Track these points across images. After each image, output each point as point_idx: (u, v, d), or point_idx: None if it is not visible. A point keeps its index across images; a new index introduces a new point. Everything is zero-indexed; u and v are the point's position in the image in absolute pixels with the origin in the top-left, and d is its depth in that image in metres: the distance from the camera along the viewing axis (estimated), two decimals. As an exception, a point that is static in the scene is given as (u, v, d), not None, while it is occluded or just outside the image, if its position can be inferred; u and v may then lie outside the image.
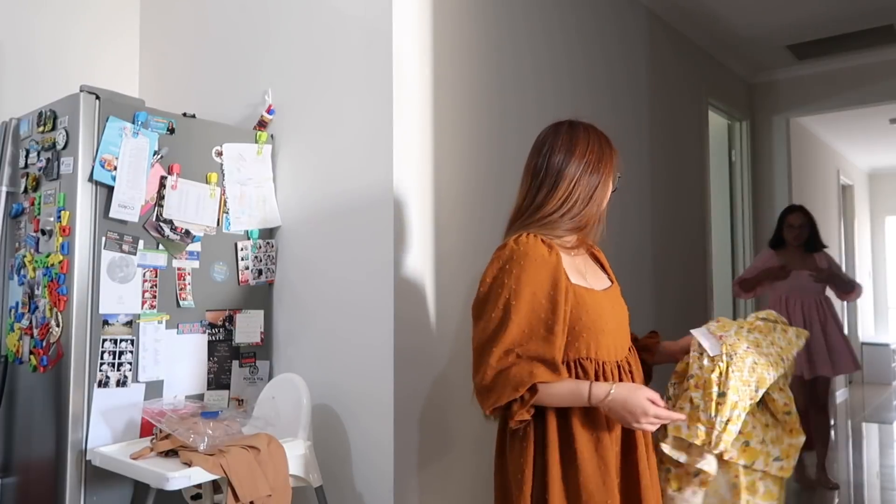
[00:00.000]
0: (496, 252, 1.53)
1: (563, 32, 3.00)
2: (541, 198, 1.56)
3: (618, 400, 1.42)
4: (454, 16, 2.43)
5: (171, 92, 2.94)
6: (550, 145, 1.59)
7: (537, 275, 1.46)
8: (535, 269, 1.46)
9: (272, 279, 2.46)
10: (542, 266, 1.46)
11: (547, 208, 1.55)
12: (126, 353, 2.06)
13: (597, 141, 1.59)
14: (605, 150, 1.59)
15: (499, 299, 1.46)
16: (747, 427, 1.60)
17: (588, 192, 1.56)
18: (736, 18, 4.06)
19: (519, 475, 1.48)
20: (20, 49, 2.73)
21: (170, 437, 1.87)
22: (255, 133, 2.45)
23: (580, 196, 1.55)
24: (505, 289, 1.45)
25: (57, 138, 2.08)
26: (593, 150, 1.57)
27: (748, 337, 1.63)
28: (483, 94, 2.53)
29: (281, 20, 2.54)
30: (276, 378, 2.29)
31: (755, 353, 1.60)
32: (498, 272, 1.48)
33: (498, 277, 1.47)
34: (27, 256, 2.17)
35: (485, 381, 1.44)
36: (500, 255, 1.50)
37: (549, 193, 1.55)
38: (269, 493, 1.83)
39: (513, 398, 1.41)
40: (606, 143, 1.61)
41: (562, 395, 1.45)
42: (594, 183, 1.56)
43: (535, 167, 1.59)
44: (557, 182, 1.55)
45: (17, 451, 2.17)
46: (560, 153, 1.56)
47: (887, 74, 4.66)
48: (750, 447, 1.61)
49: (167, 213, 2.17)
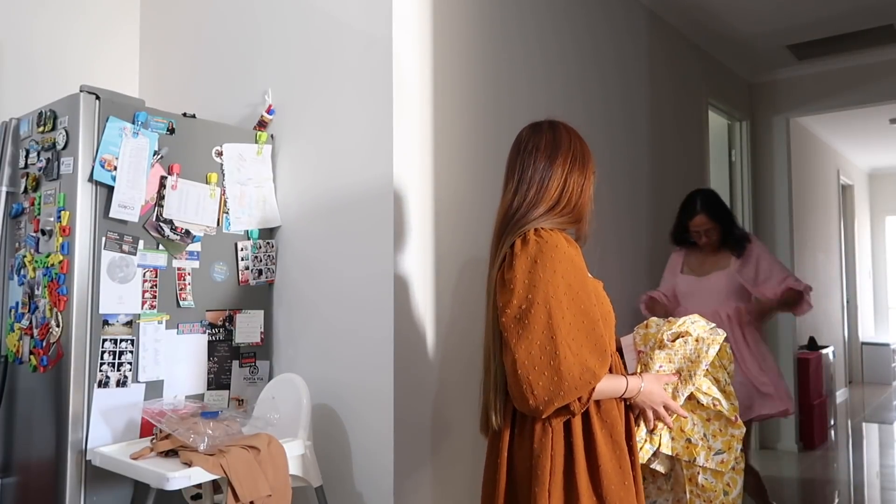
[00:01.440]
0: (520, 248, 1.46)
1: (563, 31, 3.00)
2: (532, 195, 1.55)
3: (649, 390, 1.54)
4: (454, 14, 2.43)
5: (171, 92, 2.94)
6: (535, 144, 1.58)
7: (570, 266, 1.45)
8: (567, 260, 1.45)
9: (272, 279, 2.46)
10: (573, 257, 1.47)
11: (542, 207, 1.54)
12: (126, 354, 2.06)
13: (577, 140, 1.62)
14: (586, 150, 1.62)
15: (537, 297, 1.40)
16: (688, 425, 1.67)
17: (578, 188, 1.57)
18: (736, 18, 4.06)
19: (540, 474, 1.44)
20: (20, 49, 2.73)
21: (170, 437, 1.87)
22: (255, 133, 2.45)
23: (573, 192, 1.56)
24: (542, 284, 1.40)
25: (57, 138, 2.08)
26: (576, 148, 1.60)
27: (660, 355, 1.67)
28: (483, 93, 2.53)
29: (281, 20, 2.54)
30: (276, 378, 2.29)
31: (667, 369, 1.66)
32: (531, 268, 1.42)
33: (532, 273, 1.42)
34: (27, 256, 2.17)
35: (552, 385, 1.38)
36: (527, 252, 1.45)
37: (541, 191, 1.54)
38: (269, 493, 1.83)
39: (577, 397, 1.41)
40: (585, 143, 1.64)
41: (607, 390, 1.48)
42: (581, 179, 1.58)
43: (520, 166, 1.58)
44: (547, 180, 1.55)
45: (17, 451, 2.17)
46: (546, 151, 1.57)
47: (887, 74, 4.66)
48: (692, 444, 1.67)
49: (167, 213, 2.17)
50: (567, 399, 1.39)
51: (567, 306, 1.41)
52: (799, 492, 4.00)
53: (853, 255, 7.84)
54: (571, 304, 1.41)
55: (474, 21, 2.52)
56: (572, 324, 1.40)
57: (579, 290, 1.44)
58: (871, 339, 8.16)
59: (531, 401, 1.39)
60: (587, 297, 1.45)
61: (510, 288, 1.43)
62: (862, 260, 8.30)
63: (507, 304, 1.43)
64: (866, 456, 4.93)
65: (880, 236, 8.83)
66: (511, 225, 1.55)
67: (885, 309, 8.74)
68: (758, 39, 4.41)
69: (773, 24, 4.18)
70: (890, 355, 7.94)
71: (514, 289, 1.43)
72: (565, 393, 1.38)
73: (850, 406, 6.69)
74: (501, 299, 1.46)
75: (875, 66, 4.70)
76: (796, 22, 4.14)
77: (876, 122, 6.11)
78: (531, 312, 1.40)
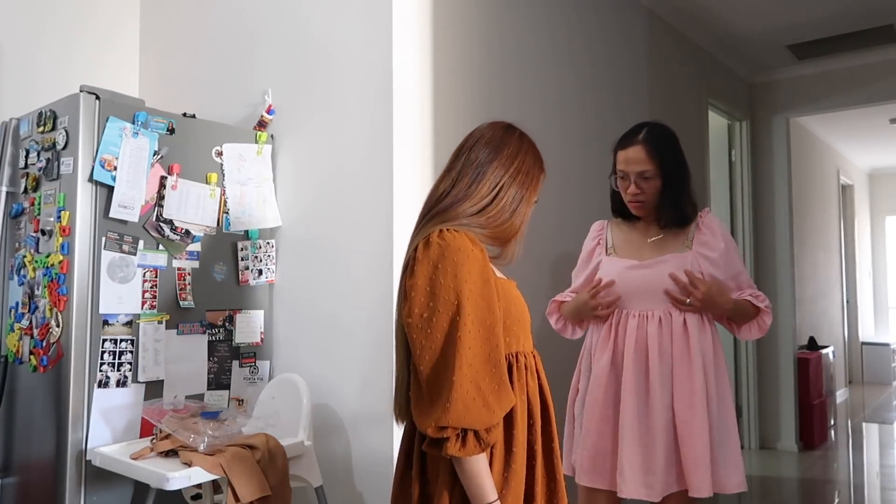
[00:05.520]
0: (422, 252, 1.33)
1: (561, 32, 3.00)
2: (460, 190, 1.40)
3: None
4: (453, 15, 2.43)
5: (171, 92, 2.94)
6: (481, 136, 1.46)
7: (476, 270, 1.31)
8: (472, 263, 1.31)
9: (272, 279, 2.46)
10: (479, 260, 1.32)
11: (468, 203, 1.39)
12: (126, 353, 2.06)
13: (530, 153, 1.47)
14: (536, 166, 1.47)
15: (438, 305, 1.29)
16: None
17: (513, 202, 1.41)
18: (736, 18, 4.06)
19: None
20: (20, 49, 2.73)
21: (170, 437, 1.88)
22: (255, 133, 2.45)
23: (505, 204, 1.41)
24: (443, 290, 1.29)
25: (57, 138, 2.08)
26: (524, 159, 1.45)
27: None
28: (482, 93, 2.53)
29: (281, 20, 2.54)
30: (276, 378, 2.29)
31: None
32: (432, 274, 1.30)
33: (434, 279, 1.30)
34: (27, 256, 2.17)
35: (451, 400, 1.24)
36: (428, 256, 1.32)
37: (472, 186, 1.40)
38: (269, 493, 1.83)
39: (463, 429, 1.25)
40: (538, 160, 1.49)
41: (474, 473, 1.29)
42: (519, 195, 1.42)
43: (457, 154, 1.46)
44: (480, 177, 1.40)
45: (17, 451, 2.17)
46: (488, 148, 1.43)
47: (887, 74, 4.66)
48: None
49: (167, 214, 2.17)
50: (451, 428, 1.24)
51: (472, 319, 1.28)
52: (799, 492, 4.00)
53: (853, 255, 7.84)
54: (475, 314, 1.29)
55: (473, 21, 2.52)
56: (475, 337, 1.28)
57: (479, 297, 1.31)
58: (871, 339, 8.16)
59: (419, 423, 1.29)
60: (490, 307, 1.31)
61: (411, 295, 1.32)
62: (862, 260, 8.30)
63: (410, 313, 1.32)
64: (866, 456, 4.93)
65: (880, 236, 8.83)
66: (431, 215, 1.41)
67: (885, 309, 8.74)
68: (758, 39, 4.41)
69: (773, 24, 4.18)
70: (890, 355, 7.94)
71: (414, 296, 1.32)
72: (452, 422, 1.23)
73: (850, 406, 6.69)
74: (404, 308, 1.34)
75: (875, 66, 4.70)
76: (796, 22, 4.14)
77: (876, 122, 6.11)
78: (432, 321, 1.29)
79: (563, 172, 2.88)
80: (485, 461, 1.29)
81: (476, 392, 1.26)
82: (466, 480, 1.28)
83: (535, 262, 2.69)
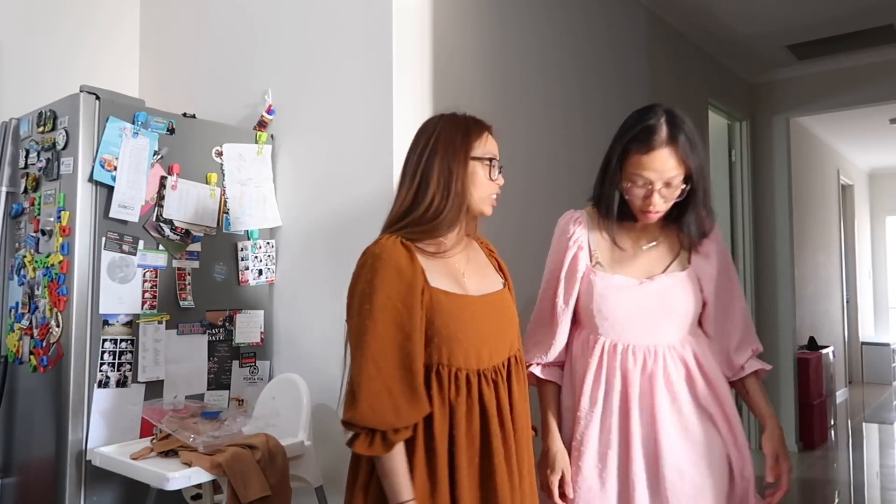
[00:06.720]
0: (358, 260, 1.40)
1: (562, 32, 3.00)
2: (397, 197, 1.45)
3: None
4: (455, 15, 2.43)
5: (171, 92, 2.94)
6: (412, 143, 1.49)
7: (387, 276, 1.33)
8: (386, 270, 1.33)
9: (272, 279, 2.46)
10: (392, 267, 1.34)
11: (395, 208, 1.43)
12: (126, 354, 2.06)
13: (444, 126, 1.44)
14: (456, 131, 1.43)
15: (354, 308, 1.35)
16: None
17: (442, 173, 1.39)
18: (736, 18, 4.06)
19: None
20: (20, 49, 2.73)
21: (170, 437, 1.88)
22: (255, 133, 2.45)
23: (434, 181, 1.39)
24: (359, 296, 1.34)
25: (57, 138, 2.08)
26: (438, 135, 1.42)
27: None
28: (482, 94, 2.53)
29: (281, 20, 2.54)
30: (276, 378, 2.29)
31: None
32: (355, 280, 1.37)
33: (354, 286, 1.37)
34: (27, 256, 2.17)
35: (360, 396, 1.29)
36: (359, 264, 1.39)
37: (401, 190, 1.44)
38: (269, 493, 1.83)
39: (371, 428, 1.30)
40: (459, 125, 1.45)
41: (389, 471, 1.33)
42: (446, 165, 1.39)
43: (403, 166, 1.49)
44: (407, 177, 1.44)
45: (17, 451, 2.17)
46: (409, 149, 1.48)
47: (887, 74, 4.66)
48: None
49: (167, 214, 2.17)
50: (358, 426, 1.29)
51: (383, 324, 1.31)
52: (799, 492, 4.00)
53: (853, 255, 7.84)
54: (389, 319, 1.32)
55: (474, 21, 2.52)
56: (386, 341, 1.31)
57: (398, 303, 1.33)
58: (871, 339, 8.16)
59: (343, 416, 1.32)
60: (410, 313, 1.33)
61: (348, 303, 1.38)
62: (862, 260, 8.30)
63: (348, 318, 1.38)
64: (866, 456, 4.93)
65: (880, 236, 8.83)
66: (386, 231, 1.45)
67: (885, 309, 8.74)
68: (758, 40, 4.41)
69: (773, 25, 4.18)
70: (890, 355, 7.94)
71: (349, 304, 1.38)
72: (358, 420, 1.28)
73: (850, 406, 6.69)
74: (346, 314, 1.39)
75: (875, 66, 4.70)
76: (796, 22, 4.14)
77: (876, 122, 6.11)
78: (352, 326, 1.35)
79: (566, 174, 2.88)
80: (401, 461, 1.33)
81: (386, 394, 1.30)
82: (382, 478, 1.34)
83: (535, 262, 2.69)
